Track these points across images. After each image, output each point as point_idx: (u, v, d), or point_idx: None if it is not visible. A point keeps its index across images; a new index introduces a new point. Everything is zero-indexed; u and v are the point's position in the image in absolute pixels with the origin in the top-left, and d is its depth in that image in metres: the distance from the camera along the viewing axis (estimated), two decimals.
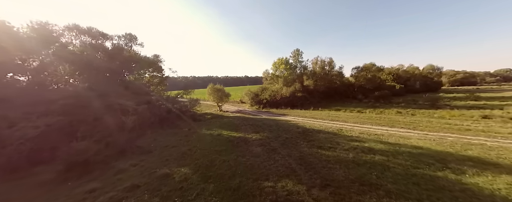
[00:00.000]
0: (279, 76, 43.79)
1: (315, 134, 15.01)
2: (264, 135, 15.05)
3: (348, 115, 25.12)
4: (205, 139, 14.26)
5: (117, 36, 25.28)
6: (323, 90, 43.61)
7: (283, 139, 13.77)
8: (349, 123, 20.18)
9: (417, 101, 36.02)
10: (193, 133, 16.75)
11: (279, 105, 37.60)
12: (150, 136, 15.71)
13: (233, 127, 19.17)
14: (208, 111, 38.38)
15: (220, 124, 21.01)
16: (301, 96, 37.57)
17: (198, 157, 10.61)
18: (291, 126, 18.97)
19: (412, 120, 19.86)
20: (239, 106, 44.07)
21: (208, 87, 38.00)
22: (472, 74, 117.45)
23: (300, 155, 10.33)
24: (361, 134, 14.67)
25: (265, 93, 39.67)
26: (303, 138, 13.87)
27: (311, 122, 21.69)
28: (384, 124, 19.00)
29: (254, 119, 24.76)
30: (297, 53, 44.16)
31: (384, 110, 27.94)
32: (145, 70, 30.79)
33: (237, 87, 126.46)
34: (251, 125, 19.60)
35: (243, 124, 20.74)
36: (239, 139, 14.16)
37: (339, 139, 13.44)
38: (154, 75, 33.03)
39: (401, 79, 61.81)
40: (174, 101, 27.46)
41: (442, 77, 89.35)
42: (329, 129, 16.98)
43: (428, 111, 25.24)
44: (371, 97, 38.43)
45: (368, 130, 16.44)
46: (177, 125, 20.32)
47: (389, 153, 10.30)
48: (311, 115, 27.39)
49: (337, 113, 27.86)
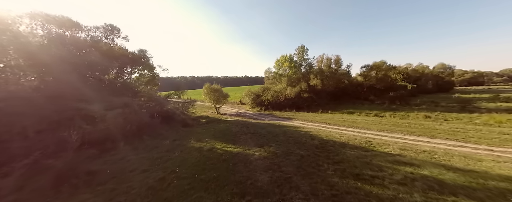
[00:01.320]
0: (283, 75, 39.98)
1: (339, 150, 11.17)
2: (270, 150, 11.23)
3: (366, 120, 21.27)
4: (191, 158, 10.43)
5: (95, 27, 21.46)
6: (331, 91, 39.79)
7: (297, 158, 9.93)
8: (374, 131, 16.34)
9: (438, 102, 32.16)
10: (177, 146, 12.91)
11: (282, 107, 33.79)
12: (120, 151, 11.87)
13: (230, 136, 15.35)
14: (204, 113, 34.56)
15: (215, 132, 17.17)
16: (307, 97, 33.73)
17: (171, 196, 6.78)
18: (303, 135, 15.13)
19: (452, 128, 16.00)
20: (239, 108, 40.23)
21: (204, 87, 34.18)
22: (480, 74, 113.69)
23: (332, 194, 6.50)
24: (403, 151, 10.83)
25: (267, 94, 35.84)
26: (325, 157, 10.02)
27: (325, 129, 17.83)
28: (419, 133, 15.16)
29: (256, 124, 20.93)
30: (302, 50, 40.36)
31: (407, 113, 24.08)
32: (130, 67, 27.08)
33: (237, 87, 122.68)
34: (252, 134, 15.77)
35: (242, 131, 16.92)
36: (237, 157, 10.33)
37: (376, 159, 9.59)
38: (143, 74, 29.34)
39: (411, 79, 58.08)
40: (162, 102, 23.61)
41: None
42: (354, 141, 13.13)
43: (461, 115, 21.39)
44: (386, 98, 34.57)
45: (407, 143, 12.60)
46: (161, 133, 16.48)
47: (475, 191, 6.46)
48: (322, 119, 23.55)
49: (351, 117, 24.01)
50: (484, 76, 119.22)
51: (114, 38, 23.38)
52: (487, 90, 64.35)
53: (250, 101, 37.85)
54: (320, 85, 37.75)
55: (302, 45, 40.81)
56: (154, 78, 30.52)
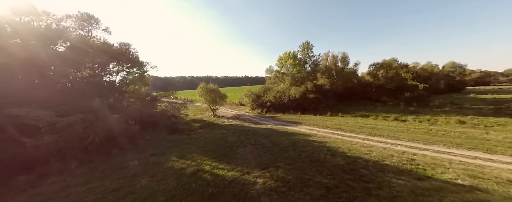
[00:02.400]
0: (286, 74, 36.60)
1: (379, 176, 7.77)
2: (278, 176, 7.87)
3: (388, 126, 17.86)
4: (162, 191, 7.07)
5: (66, 16, 18.09)
6: (338, 91, 36.41)
7: (321, 192, 6.58)
8: (405, 142, 12.94)
9: (459, 104, 28.83)
10: (152, 165, 9.54)
11: (286, 109, 30.42)
12: (66, 176, 8.50)
13: (224, 148, 11.97)
14: (199, 116, 31.19)
15: (206, 142, 13.78)
16: (313, 98, 30.33)
17: None
18: (318, 148, 11.75)
19: (508, 138, 12.61)
20: (238, 109, 36.84)
21: (198, 87, 30.79)
22: (487, 74, 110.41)
23: None
24: (474, 178, 7.44)
25: (269, 95, 32.46)
26: (363, 190, 6.65)
27: (342, 138, 14.43)
28: (468, 145, 11.74)
29: (257, 131, 17.54)
30: (307, 46, 37.01)
31: (432, 117, 20.70)
32: (118, 65, 23.80)
33: (237, 87, 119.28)
34: (253, 145, 12.39)
35: (240, 141, 13.54)
36: (231, 190, 6.99)
37: (447, 197, 6.20)
38: (131, 72, 26.00)
39: (420, 78, 54.75)
40: (148, 105, 20.21)
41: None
42: (391, 159, 9.70)
43: (502, 119, 18.01)
44: (400, 99, 31.18)
45: (467, 163, 9.20)
46: (138, 144, 13.11)
47: None
48: (334, 124, 20.18)
49: (367, 122, 20.63)
50: (491, 76, 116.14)
51: (92, 30, 20.06)
52: (500, 90, 60.94)
53: (250, 102, 34.50)
54: (328, 84, 34.33)
55: (307, 41, 37.49)
56: (144, 77, 27.27)
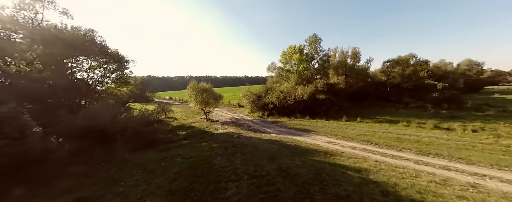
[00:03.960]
0: (291, 71, 31.77)
1: None
2: None
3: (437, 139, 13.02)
4: None
5: None
6: (350, 91, 31.62)
7: None
8: (488, 169, 8.17)
9: (501, 106, 24.02)
10: None
11: (292, 112, 25.62)
12: None
13: (203, 187, 7.17)
14: (189, 120, 26.41)
15: (180, 170, 8.92)
16: (324, 99, 25.54)
17: None
18: (362, 187, 6.98)
19: None
20: (236, 112, 31.97)
21: (188, 86, 25.98)
22: (498, 73, 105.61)
23: None
24: None
25: (272, 96, 27.63)
26: None
27: (383, 159, 9.59)
28: None
29: (257, 146, 12.66)
30: (315, 39, 32.13)
31: (486, 124, 15.91)
32: (89, 59, 19.17)
33: (236, 87, 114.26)
34: (250, 179, 7.59)
35: (232, 170, 8.68)
36: None
37: None
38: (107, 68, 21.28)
39: (435, 77, 49.98)
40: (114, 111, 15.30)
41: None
42: None
43: None
44: (428, 100, 26.38)
45: None
46: (66, 175, 8.30)
47: None
48: (357, 133, 15.41)
49: (400, 130, 15.89)
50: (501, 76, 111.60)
51: (39, 10, 15.22)
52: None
53: (249, 103, 29.69)
54: (342, 83, 29.43)
55: (315, 34, 32.57)
56: (122, 75, 22.54)
